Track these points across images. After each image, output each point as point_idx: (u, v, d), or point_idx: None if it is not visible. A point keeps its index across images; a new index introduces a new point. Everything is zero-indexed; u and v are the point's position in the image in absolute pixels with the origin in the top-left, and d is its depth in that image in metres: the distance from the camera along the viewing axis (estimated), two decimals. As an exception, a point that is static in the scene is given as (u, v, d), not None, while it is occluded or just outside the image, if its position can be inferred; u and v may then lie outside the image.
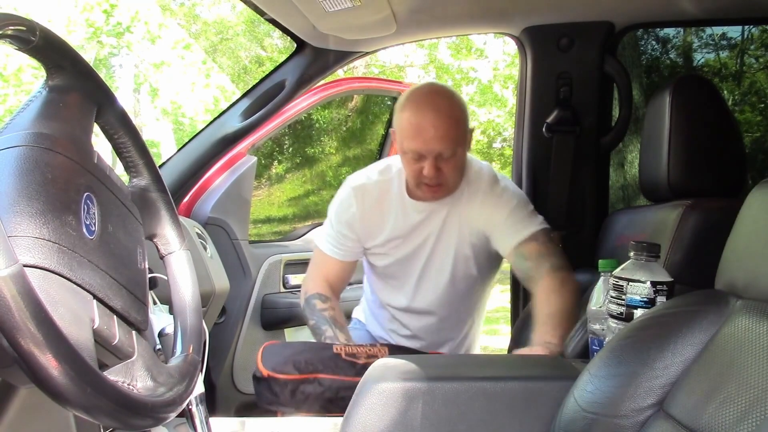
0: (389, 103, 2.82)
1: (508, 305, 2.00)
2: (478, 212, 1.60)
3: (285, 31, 1.78)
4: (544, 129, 1.78)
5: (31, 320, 0.49)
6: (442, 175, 1.50)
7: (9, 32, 0.61)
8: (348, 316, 2.00)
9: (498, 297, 7.40)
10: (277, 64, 2.00)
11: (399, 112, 1.54)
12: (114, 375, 0.62)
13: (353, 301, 2.08)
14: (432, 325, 1.75)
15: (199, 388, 0.94)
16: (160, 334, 0.87)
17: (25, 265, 0.52)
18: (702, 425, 0.73)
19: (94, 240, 0.65)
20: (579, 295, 1.49)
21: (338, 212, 1.69)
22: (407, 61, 10.66)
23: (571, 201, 1.78)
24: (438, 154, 1.48)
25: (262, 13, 1.70)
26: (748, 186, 1.22)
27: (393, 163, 1.69)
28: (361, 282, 1.97)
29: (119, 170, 0.85)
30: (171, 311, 0.84)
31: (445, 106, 1.49)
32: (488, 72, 10.81)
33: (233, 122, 2.01)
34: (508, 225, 1.58)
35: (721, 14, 1.76)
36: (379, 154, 2.77)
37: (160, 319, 0.91)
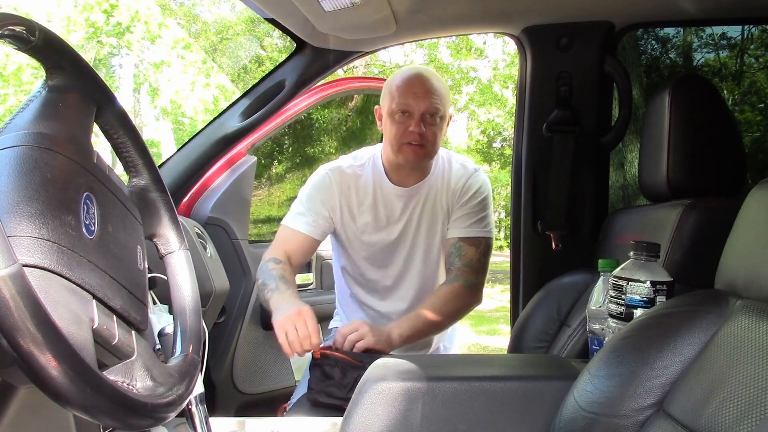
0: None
1: (508, 305, 2.00)
2: (451, 191, 1.71)
3: (285, 31, 1.78)
4: (543, 129, 1.78)
5: (31, 320, 0.49)
6: (425, 136, 1.60)
7: (9, 32, 0.61)
8: (328, 318, 2.00)
9: (498, 297, 7.42)
10: (277, 63, 2.00)
11: (388, 85, 1.65)
12: (113, 375, 0.62)
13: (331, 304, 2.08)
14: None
15: (199, 387, 0.94)
16: (160, 334, 0.87)
17: (24, 265, 0.52)
18: (701, 425, 0.73)
19: (93, 240, 0.65)
20: (459, 315, 1.67)
21: (316, 191, 1.71)
22: (407, 61, 10.67)
23: (571, 201, 1.78)
24: (424, 111, 1.59)
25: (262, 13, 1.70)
26: (747, 186, 1.22)
27: (364, 152, 1.77)
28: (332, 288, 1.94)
29: (119, 170, 0.85)
30: (171, 311, 0.84)
31: (432, 76, 1.64)
32: (488, 72, 10.83)
33: (233, 122, 2.01)
34: (465, 215, 1.70)
35: (721, 14, 1.76)
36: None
37: (159, 319, 0.91)
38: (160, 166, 1.94)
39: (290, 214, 1.72)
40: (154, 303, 1.02)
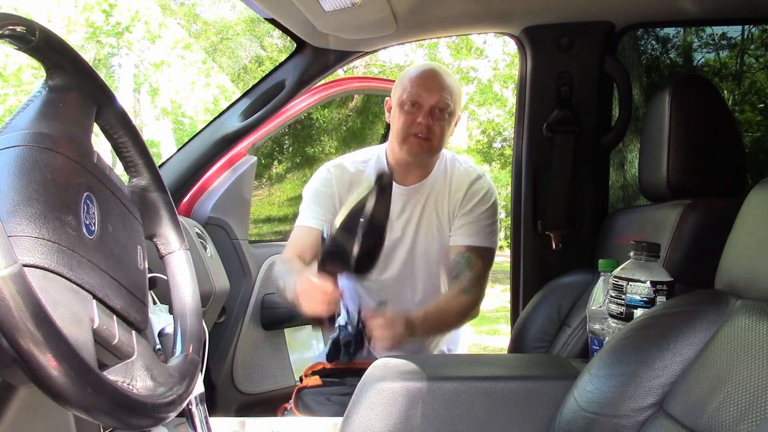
0: (389, 102, 2.82)
1: (508, 305, 2.00)
2: (453, 195, 1.70)
3: (285, 30, 1.78)
4: (544, 129, 1.78)
5: (31, 320, 0.49)
6: (432, 129, 1.61)
7: (9, 32, 0.61)
8: None
9: (498, 297, 7.42)
10: (277, 64, 2.00)
11: (401, 77, 1.67)
12: (114, 375, 0.62)
13: None
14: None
15: (199, 387, 0.94)
16: (160, 334, 0.87)
17: (24, 265, 0.52)
18: (702, 425, 0.73)
19: (93, 240, 0.65)
20: (459, 327, 1.74)
21: (319, 185, 1.71)
22: (407, 61, 10.67)
23: (571, 201, 1.78)
24: (434, 105, 1.60)
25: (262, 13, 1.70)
26: (748, 186, 1.22)
27: (369, 150, 1.78)
28: None
29: (119, 170, 0.85)
30: (171, 311, 0.84)
31: (446, 73, 1.66)
32: (488, 72, 10.83)
33: (233, 122, 2.01)
34: (471, 224, 1.68)
35: (721, 14, 1.76)
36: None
37: (160, 319, 0.91)
38: (160, 166, 1.94)
39: (305, 215, 1.72)
40: (154, 303, 1.02)
